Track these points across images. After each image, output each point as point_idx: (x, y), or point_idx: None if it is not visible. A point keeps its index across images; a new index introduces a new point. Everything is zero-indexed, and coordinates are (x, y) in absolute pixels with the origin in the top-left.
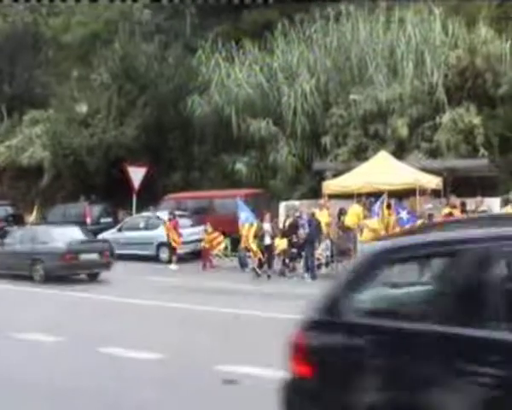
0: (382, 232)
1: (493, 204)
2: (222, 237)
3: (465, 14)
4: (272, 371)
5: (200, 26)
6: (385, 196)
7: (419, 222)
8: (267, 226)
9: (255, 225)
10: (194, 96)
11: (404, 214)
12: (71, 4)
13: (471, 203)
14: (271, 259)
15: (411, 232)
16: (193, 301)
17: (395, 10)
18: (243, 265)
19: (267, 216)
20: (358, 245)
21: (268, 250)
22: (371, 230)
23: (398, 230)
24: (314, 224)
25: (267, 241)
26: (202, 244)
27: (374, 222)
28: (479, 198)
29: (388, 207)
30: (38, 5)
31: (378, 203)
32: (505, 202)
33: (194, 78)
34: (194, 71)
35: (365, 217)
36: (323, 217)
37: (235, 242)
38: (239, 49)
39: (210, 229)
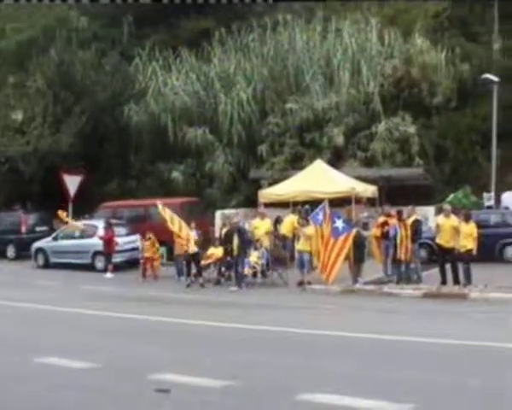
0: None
1: (428, 213)
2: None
3: (401, 25)
4: (206, 379)
5: (137, 34)
6: (326, 204)
7: (354, 231)
8: (194, 234)
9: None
10: (130, 104)
11: (339, 223)
12: (7, 9)
13: (404, 212)
14: (200, 267)
15: None
16: (127, 309)
17: (332, 20)
18: (180, 273)
19: (193, 224)
20: (296, 254)
21: (196, 259)
22: (307, 237)
23: (332, 239)
24: (245, 232)
25: (194, 249)
26: (146, 255)
27: (310, 228)
28: (410, 207)
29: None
30: None
31: (320, 212)
32: (439, 211)
33: (130, 85)
34: (131, 79)
35: (302, 225)
36: (264, 225)
37: (171, 250)
38: (176, 57)
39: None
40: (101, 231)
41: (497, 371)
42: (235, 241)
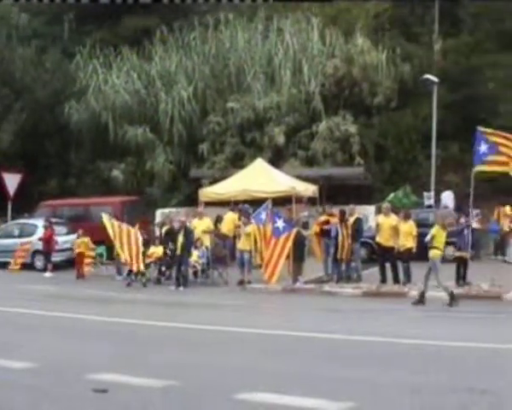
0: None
1: (368, 212)
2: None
3: (342, 25)
4: (146, 379)
5: (78, 31)
6: (269, 203)
7: (294, 230)
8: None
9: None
10: (71, 102)
11: (280, 223)
12: None
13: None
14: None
15: None
16: (66, 309)
17: (273, 19)
18: (119, 272)
19: (137, 225)
20: (237, 253)
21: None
22: (246, 235)
23: (273, 239)
24: (191, 232)
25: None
26: (77, 250)
27: (250, 226)
28: (351, 206)
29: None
30: None
31: (263, 211)
32: (379, 210)
33: (71, 83)
34: (72, 76)
35: (245, 224)
36: (202, 225)
37: (111, 250)
38: (117, 55)
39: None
40: (40, 232)
41: (436, 368)
42: (181, 240)
